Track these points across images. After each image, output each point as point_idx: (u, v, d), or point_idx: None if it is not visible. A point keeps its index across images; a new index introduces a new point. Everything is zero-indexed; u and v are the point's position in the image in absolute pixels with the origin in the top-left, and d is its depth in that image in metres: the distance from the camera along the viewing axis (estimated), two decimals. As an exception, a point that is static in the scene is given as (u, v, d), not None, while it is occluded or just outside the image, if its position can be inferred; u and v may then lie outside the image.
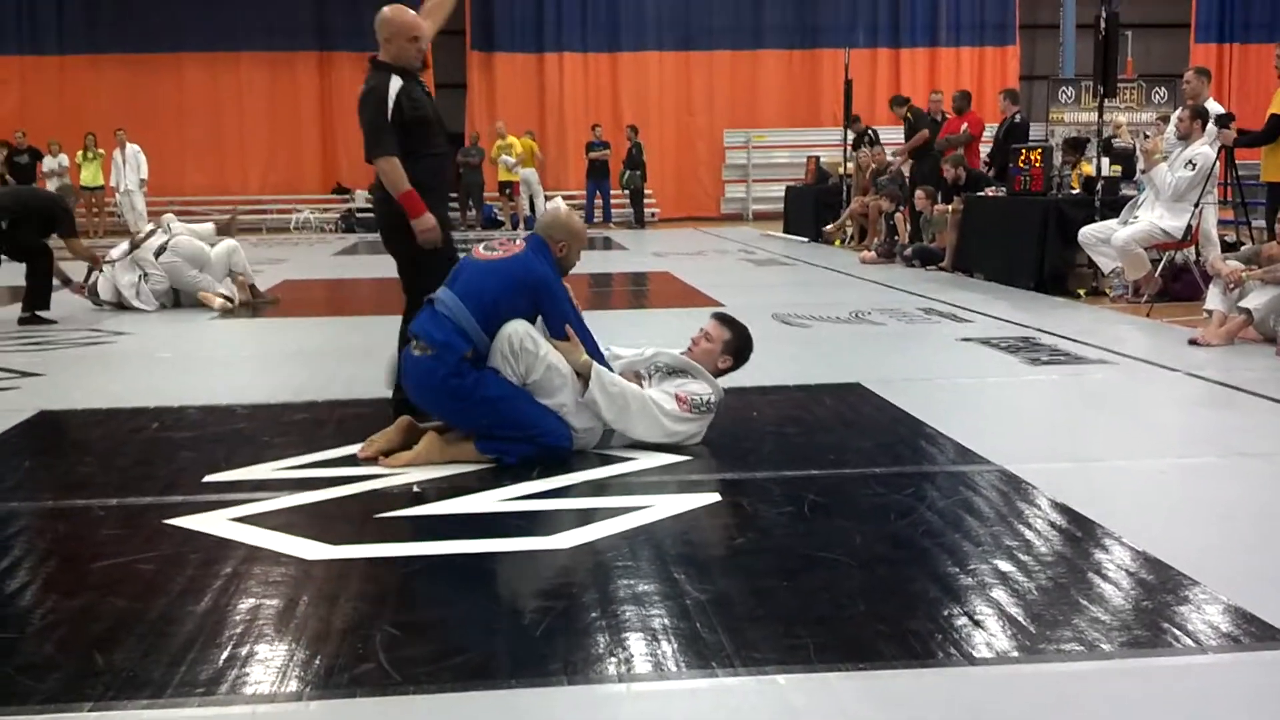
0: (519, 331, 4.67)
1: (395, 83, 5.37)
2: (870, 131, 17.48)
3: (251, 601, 3.31)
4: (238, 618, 3.19)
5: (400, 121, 5.36)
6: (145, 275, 10.01)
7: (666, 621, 3.10)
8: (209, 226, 10.95)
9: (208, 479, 4.60)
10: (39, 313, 9.30)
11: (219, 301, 10.06)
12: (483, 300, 4.70)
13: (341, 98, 23.93)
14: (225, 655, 2.94)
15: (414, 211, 5.30)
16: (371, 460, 4.76)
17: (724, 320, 5.27)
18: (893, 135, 17.87)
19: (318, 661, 2.90)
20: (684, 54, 25.00)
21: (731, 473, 4.59)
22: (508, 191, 22.24)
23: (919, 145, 14.72)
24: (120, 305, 9.97)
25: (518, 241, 5.00)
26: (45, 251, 9.40)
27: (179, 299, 10.16)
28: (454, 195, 23.05)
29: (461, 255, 5.22)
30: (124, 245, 10.35)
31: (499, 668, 2.83)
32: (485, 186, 22.76)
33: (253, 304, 10.39)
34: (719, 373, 5.14)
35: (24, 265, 9.38)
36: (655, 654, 2.91)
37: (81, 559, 3.79)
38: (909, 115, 15.29)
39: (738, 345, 5.20)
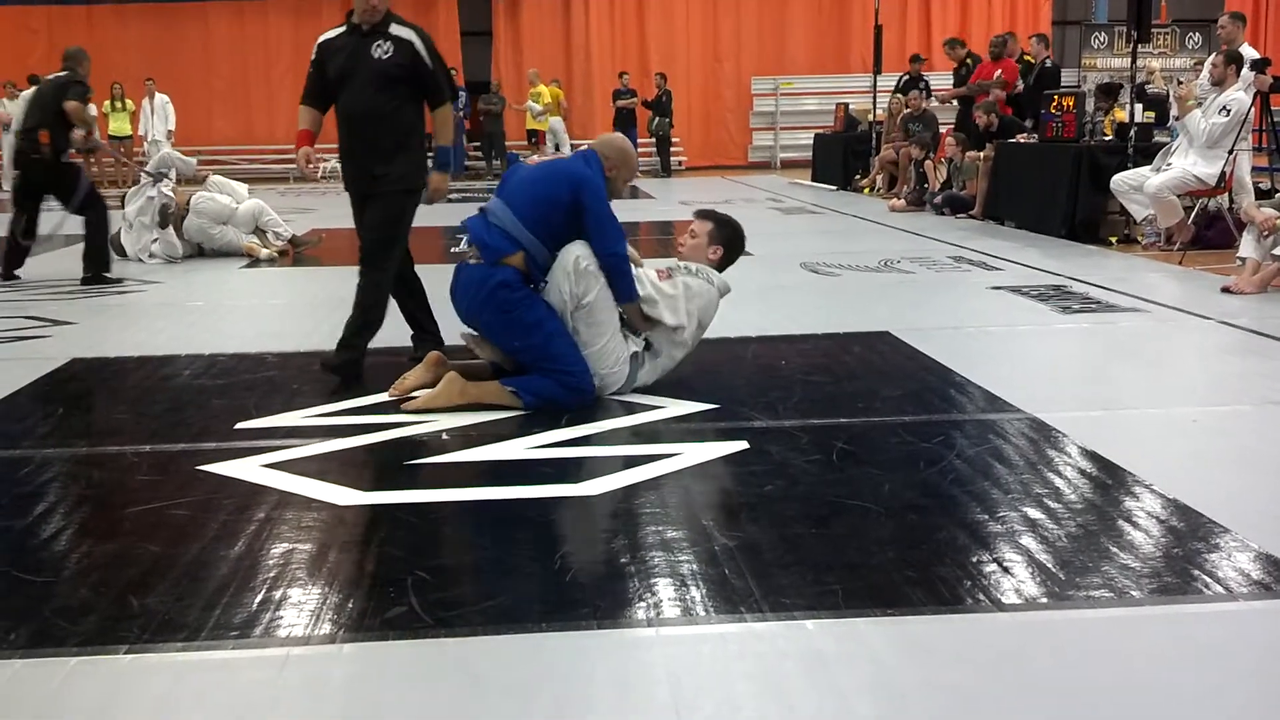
0: (587, 253, 4.70)
1: (326, 34, 5.65)
2: (924, 80, 17.01)
3: (284, 546, 3.34)
4: (271, 562, 3.22)
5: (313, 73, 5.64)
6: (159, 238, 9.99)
7: (695, 567, 3.12)
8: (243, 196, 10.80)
9: (239, 426, 4.63)
10: (103, 274, 8.89)
11: (265, 252, 10.09)
12: (526, 197, 4.76)
13: (367, 46, 23.84)
14: (259, 599, 2.97)
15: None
16: (402, 398, 4.79)
17: (706, 214, 5.35)
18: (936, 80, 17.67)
19: (350, 605, 2.93)
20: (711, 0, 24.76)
21: (760, 421, 4.58)
22: (534, 140, 22.13)
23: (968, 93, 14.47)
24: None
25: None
26: (96, 202, 8.96)
27: (202, 250, 10.20)
28: (475, 144, 22.97)
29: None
30: (139, 197, 10.19)
31: (529, 612, 2.86)
32: (507, 135, 22.65)
33: (296, 250, 10.41)
34: (715, 265, 5.20)
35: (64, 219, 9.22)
36: (684, 599, 2.93)
37: (115, 505, 3.83)
38: (968, 60, 15.00)
39: (725, 234, 5.26)
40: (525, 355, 4.75)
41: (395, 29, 5.44)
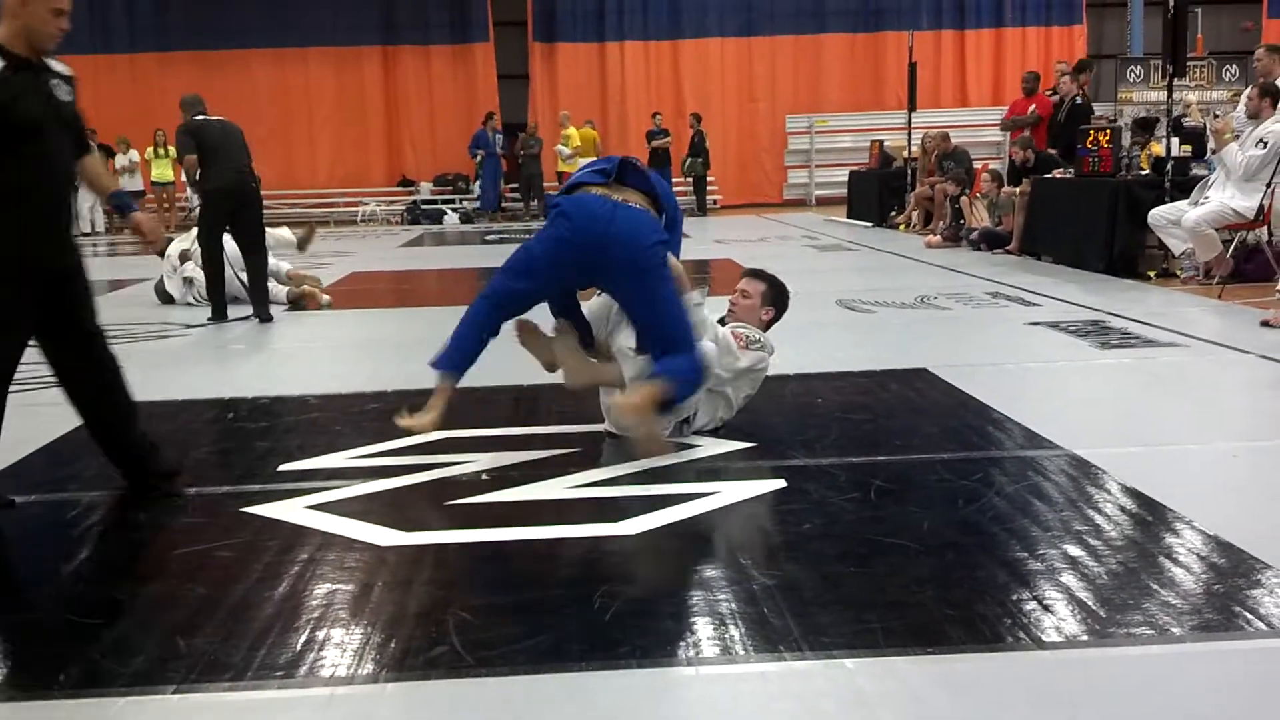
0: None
1: None
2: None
3: (327, 587, 3.38)
4: (314, 603, 3.26)
5: None
6: (190, 282, 10.03)
7: (734, 606, 3.13)
8: (285, 234, 11.04)
9: (282, 468, 4.69)
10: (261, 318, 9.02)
11: (325, 298, 10.04)
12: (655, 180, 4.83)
13: (406, 91, 24.21)
14: (303, 639, 3.01)
15: None
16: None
17: (756, 275, 5.40)
18: (959, 117, 17.64)
19: (393, 645, 2.96)
20: (746, 40, 24.92)
21: (798, 459, 4.59)
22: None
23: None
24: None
25: None
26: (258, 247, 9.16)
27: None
28: (513, 185, 23.22)
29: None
30: (185, 243, 10.21)
31: (570, 651, 2.87)
32: (545, 176, 22.85)
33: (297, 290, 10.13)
34: (764, 325, 5.23)
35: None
36: (723, 638, 2.94)
37: (161, 547, 3.89)
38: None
39: (775, 295, 5.32)
40: (664, 312, 4.58)
41: (55, 64, 4.13)
